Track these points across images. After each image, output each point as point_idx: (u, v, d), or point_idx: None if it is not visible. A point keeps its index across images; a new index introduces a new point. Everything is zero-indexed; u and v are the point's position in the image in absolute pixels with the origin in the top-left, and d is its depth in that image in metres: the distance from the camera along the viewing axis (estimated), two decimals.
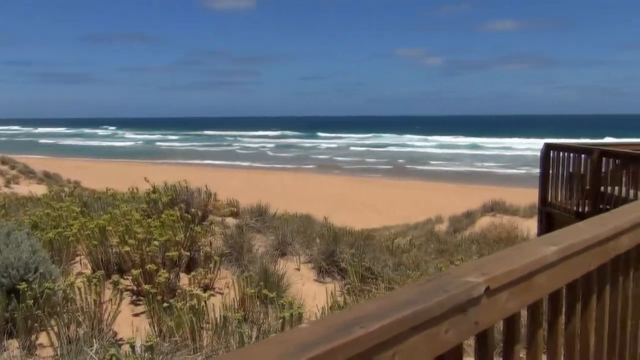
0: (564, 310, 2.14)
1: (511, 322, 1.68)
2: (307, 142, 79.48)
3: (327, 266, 6.62)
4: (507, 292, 1.55)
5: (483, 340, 1.56)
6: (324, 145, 72.32)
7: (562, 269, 1.84)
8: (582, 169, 8.23)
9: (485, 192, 20.38)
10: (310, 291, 5.81)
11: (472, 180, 33.64)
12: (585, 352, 2.22)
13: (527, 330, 1.85)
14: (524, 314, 1.79)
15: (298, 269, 6.55)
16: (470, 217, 15.65)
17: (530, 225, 12.91)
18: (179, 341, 3.66)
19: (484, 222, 14.92)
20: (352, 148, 67.40)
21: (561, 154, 8.73)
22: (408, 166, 45.30)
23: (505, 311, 1.58)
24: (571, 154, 8.50)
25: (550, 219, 8.88)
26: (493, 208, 16.15)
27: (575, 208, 8.29)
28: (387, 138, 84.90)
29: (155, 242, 5.18)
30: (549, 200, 9.04)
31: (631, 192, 7.23)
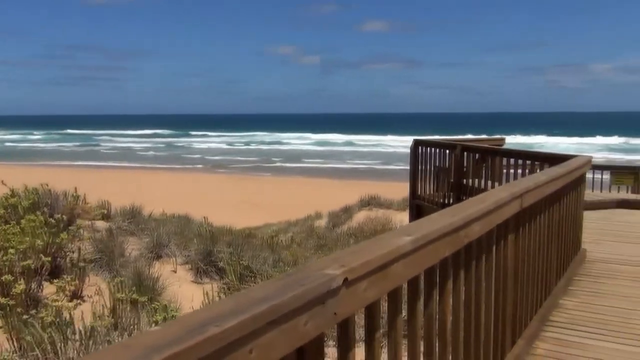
0: (422, 294, 2.28)
1: (371, 310, 1.76)
2: (182, 141, 77.45)
3: (205, 266, 6.52)
4: (366, 282, 1.62)
5: (344, 329, 1.61)
6: (199, 144, 70.77)
7: (418, 257, 1.96)
8: (447, 164, 8.80)
9: (362, 188, 21.07)
10: (187, 293, 5.68)
11: (350, 177, 34.73)
12: (443, 332, 2.37)
13: (388, 316, 1.95)
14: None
15: (175, 271, 6.39)
16: (348, 212, 16.13)
17: (404, 218, 13.59)
18: (39, 356, 3.42)
19: (361, 216, 15.45)
20: (228, 146, 66.72)
21: (428, 149, 9.27)
22: (287, 164, 45.74)
23: (365, 300, 1.65)
24: (437, 150, 9.06)
25: (419, 210, 9.40)
26: (369, 202, 16.76)
27: (441, 200, 8.84)
28: (264, 136, 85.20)
29: (12, 251, 4.80)
30: (419, 193, 9.57)
31: (489, 183, 7.84)
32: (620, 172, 11.57)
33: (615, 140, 59.82)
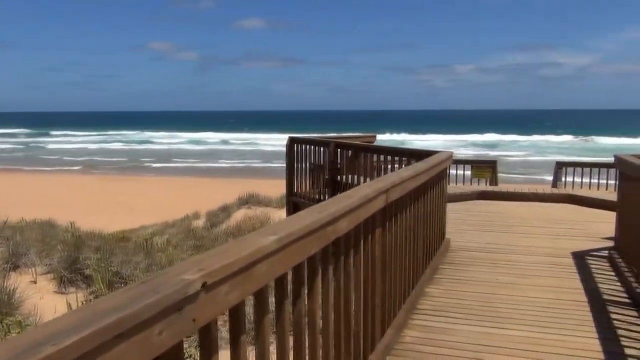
0: (291, 293, 2.28)
1: (236, 313, 1.72)
2: (45, 140, 71.89)
3: (70, 275, 6.10)
4: (228, 285, 1.57)
5: (206, 335, 1.56)
6: (61, 145, 65.83)
7: (284, 256, 1.95)
8: (322, 161, 8.97)
9: (241, 186, 20.91)
10: (49, 305, 5.28)
11: (229, 176, 34.31)
12: (313, 328, 2.39)
13: (255, 317, 1.92)
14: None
15: (35, 282, 5.91)
16: (226, 211, 15.92)
17: (283, 215, 13.66)
18: None
19: (239, 215, 15.31)
20: (95, 146, 63.02)
21: (304, 147, 9.39)
22: (161, 164, 44.06)
23: (228, 303, 1.61)
24: (312, 147, 9.20)
25: (297, 208, 9.49)
26: (248, 201, 16.66)
27: (317, 197, 9.00)
28: (135, 135, 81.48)
29: None
30: (296, 190, 9.66)
31: (362, 179, 8.10)
32: (480, 167, 12.50)
33: (479, 137, 64.47)
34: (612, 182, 10.96)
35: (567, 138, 61.48)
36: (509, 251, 6.23)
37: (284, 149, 9.88)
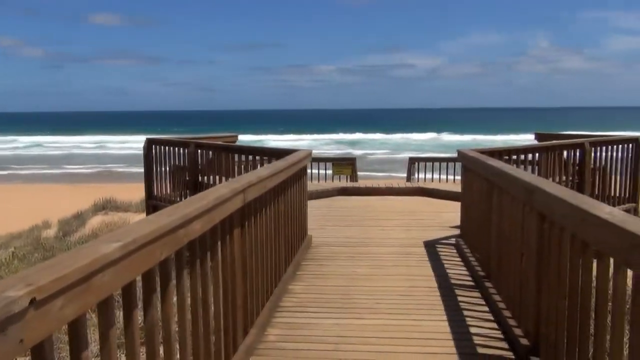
0: (141, 300, 2.17)
1: (74, 328, 1.59)
2: None
3: None
4: (62, 299, 1.45)
5: (39, 355, 1.43)
6: None
7: (130, 263, 1.85)
8: (182, 162, 8.71)
9: (96, 191, 19.68)
10: None
11: (83, 180, 32.18)
12: (167, 334, 2.30)
13: (99, 330, 1.80)
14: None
15: None
16: (80, 218, 14.87)
17: None
18: None
19: (95, 221, 14.39)
20: None
21: (163, 148, 9.06)
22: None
23: (63, 318, 1.48)
24: (172, 148, 8.90)
25: (157, 211, 9.13)
26: (105, 206, 15.72)
27: (178, 199, 8.73)
28: None
29: None
30: (155, 193, 9.30)
31: (224, 180, 8.00)
32: (340, 164, 12.93)
33: (342, 136, 66.54)
34: (458, 176, 11.87)
35: (421, 135, 65.46)
36: (366, 244, 6.50)
37: (142, 151, 9.46)
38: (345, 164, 12.91)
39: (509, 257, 3.97)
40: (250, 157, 7.58)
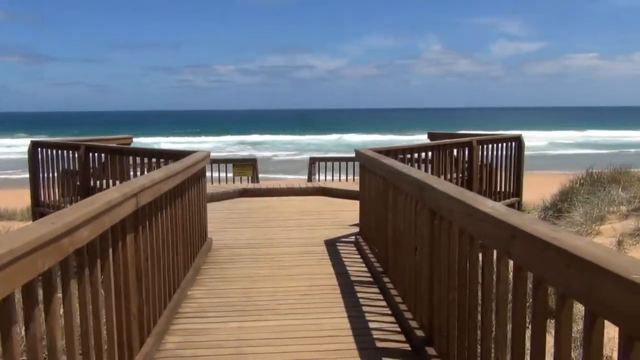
0: (21, 315, 2.02)
1: None
2: None
3: None
4: None
5: None
6: None
7: (6, 275, 1.71)
8: (72, 166, 8.24)
9: None
10: None
11: None
12: (53, 352, 2.15)
13: None
14: None
15: None
16: None
17: None
18: None
19: None
20: None
21: (50, 151, 8.53)
22: None
23: None
24: (60, 151, 8.40)
25: None
26: None
27: (68, 205, 8.24)
28: None
29: None
30: (43, 199, 8.74)
31: (117, 183, 7.66)
32: (240, 165, 12.80)
33: (245, 137, 65.80)
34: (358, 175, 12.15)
35: (325, 137, 66.14)
36: (267, 245, 6.49)
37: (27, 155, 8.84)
38: (245, 165, 12.81)
39: (404, 252, 4.12)
40: (146, 160, 7.31)
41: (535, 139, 56.05)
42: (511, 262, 2.17)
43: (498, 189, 9.30)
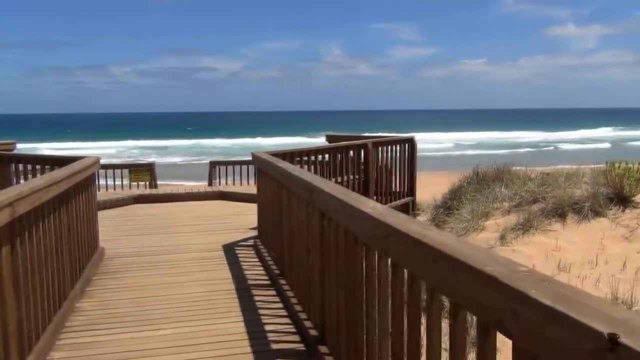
0: None
1: None
2: None
3: None
4: None
5: None
6: None
7: None
8: None
9: None
10: None
11: None
12: None
13: None
14: None
15: None
16: None
17: None
18: None
19: None
20: None
21: None
22: None
23: None
24: None
25: None
26: None
27: None
28: None
29: None
30: None
31: None
32: (136, 170, 12.39)
33: (144, 142, 63.21)
34: None
35: (231, 141, 65.02)
36: (165, 251, 6.33)
37: None
38: (142, 170, 12.41)
39: (299, 253, 4.18)
40: (30, 167, 6.89)
41: (445, 141, 58.93)
42: (390, 260, 2.28)
43: (394, 189, 9.67)
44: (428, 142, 54.12)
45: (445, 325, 1.84)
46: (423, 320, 2.00)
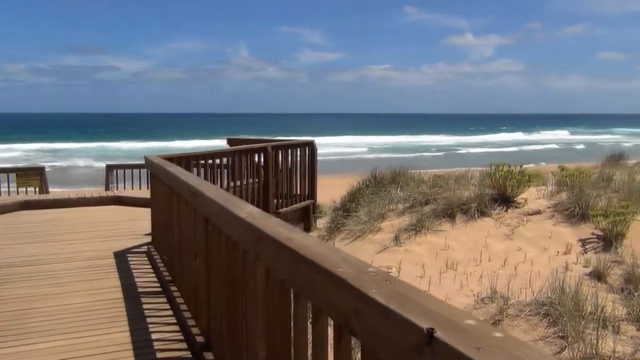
0: None
1: None
2: None
3: None
4: None
5: None
6: None
7: None
8: None
9: None
10: None
11: None
12: None
13: None
14: None
15: None
16: None
17: None
18: None
19: None
20: None
21: None
22: None
23: None
24: None
25: None
26: None
27: None
28: None
29: None
30: None
31: None
32: (24, 174, 11.65)
33: (39, 145, 59.17)
34: None
35: (136, 144, 62.23)
36: (50, 260, 6.02)
37: None
38: (31, 175, 11.70)
39: (189, 259, 4.12)
40: None
41: (359, 145, 60.02)
42: (264, 265, 2.30)
43: (295, 192, 9.75)
44: (340, 145, 55.10)
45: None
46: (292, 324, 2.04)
